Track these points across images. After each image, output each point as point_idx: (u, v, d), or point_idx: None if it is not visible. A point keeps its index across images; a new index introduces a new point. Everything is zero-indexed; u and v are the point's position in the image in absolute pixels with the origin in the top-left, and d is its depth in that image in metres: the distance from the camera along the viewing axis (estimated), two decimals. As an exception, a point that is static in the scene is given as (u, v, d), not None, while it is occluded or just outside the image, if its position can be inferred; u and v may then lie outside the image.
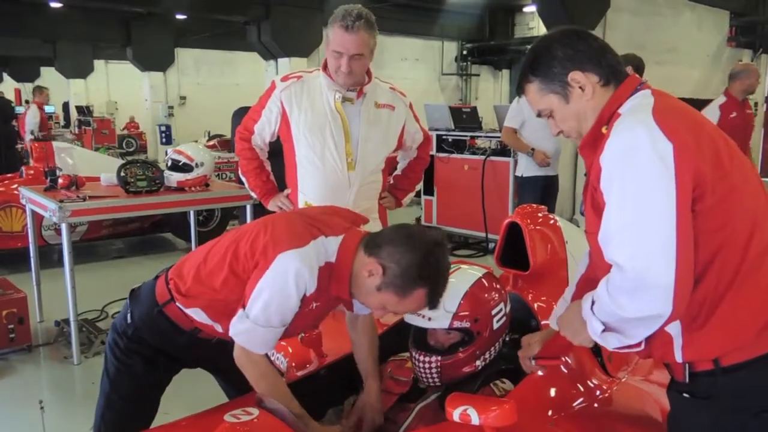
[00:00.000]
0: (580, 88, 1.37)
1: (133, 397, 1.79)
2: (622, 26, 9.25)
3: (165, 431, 1.61)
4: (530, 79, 1.43)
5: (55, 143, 6.23)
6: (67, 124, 16.78)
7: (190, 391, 2.16)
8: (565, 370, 1.79)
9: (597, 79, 1.37)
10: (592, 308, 1.32)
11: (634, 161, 1.23)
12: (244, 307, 1.56)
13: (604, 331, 1.30)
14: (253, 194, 2.74)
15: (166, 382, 1.87)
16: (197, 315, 1.71)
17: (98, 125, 15.12)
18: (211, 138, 11.38)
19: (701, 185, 1.23)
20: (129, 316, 1.77)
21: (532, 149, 5.01)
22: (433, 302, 1.60)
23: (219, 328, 1.72)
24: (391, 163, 2.74)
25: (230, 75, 16.21)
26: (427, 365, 1.78)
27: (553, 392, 1.72)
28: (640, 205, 1.21)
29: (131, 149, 14.96)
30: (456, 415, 1.42)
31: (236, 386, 1.81)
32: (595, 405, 1.76)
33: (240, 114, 5.14)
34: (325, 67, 2.48)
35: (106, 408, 1.81)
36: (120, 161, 5.65)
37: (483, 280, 1.83)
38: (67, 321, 3.89)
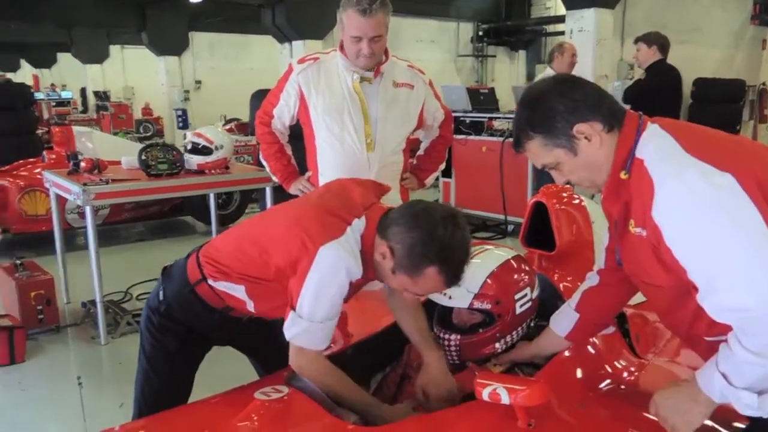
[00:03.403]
0: (586, 138, 1.33)
1: (168, 374, 1.82)
2: (643, 5, 9.09)
3: (198, 407, 1.63)
4: (531, 135, 1.37)
5: (75, 128, 6.29)
6: (85, 110, 16.90)
7: (220, 369, 2.19)
8: (593, 351, 1.79)
9: (601, 126, 1.33)
10: (729, 383, 1.20)
11: (707, 208, 1.18)
12: (293, 308, 1.54)
13: (761, 394, 1.18)
14: (274, 178, 2.75)
15: (200, 359, 1.89)
16: (233, 290, 1.70)
17: (116, 110, 15.22)
18: (227, 122, 11.39)
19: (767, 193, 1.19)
20: (161, 293, 1.79)
21: None
22: (451, 280, 1.54)
23: (251, 307, 1.72)
24: (412, 144, 2.73)
25: (245, 59, 16.18)
26: (446, 343, 1.79)
27: (581, 373, 1.72)
28: (738, 244, 1.16)
29: (149, 134, 15.04)
30: (485, 394, 1.42)
31: (266, 364, 1.84)
32: (623, 386, 1.76)
33: (258, 97, 5.15)
34: (342, 48, 2.46)
35: (144, 384, 1.85)
36: (138, 145, 5.71)
37: (511, 261, 1.82)
38: (93, 302, 3.96)
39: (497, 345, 1.79)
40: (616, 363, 1.80)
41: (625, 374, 1.78)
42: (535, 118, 1.37)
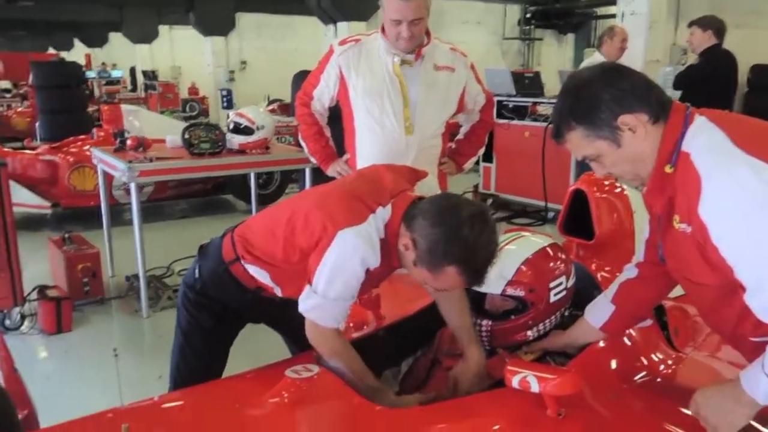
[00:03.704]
0: (630, 130, 1.28)
1: (203, 349, 1.86)
2: (701, -14, 8.70)
3: (231, 382, 1.67)
4: (573, 126, 1.33)
5: (123, 106, 6.45)
6: (134, 89, 17.29)
7: (255, 346, 2.23)
8: (629, 342, 1.75)
9: (647, 117, 1.28)
10: None
11: (754, 204, 1.14)
12: (310, 283, 1.56)
13: None
14: (312, 159, 2.76)
15: (234, 336, 1.93)
16: (260, 275, 1.73)
17: (163, 89, 15.52)
18: (270, 102, 11.49)
19: None
20: (197, 271, 1.83)
21: None
22: (472, 280, 1.53)
23: (278, 292, 1.75)
24: (451, 129, 2.70)
25: (290, 39, 16.26)
26: (478, 328, 1.78)
27: (615, 364, 1.69)
28: None
29: (194, 113, 15.30)
30: (515, 381, 1.41)
31: (298, 343, 1.86)
32: (659, 379, 1.72)
33: (300, 78, 5.17)
34: (383, 30, 2.44)
35: (180, 358, 1.89)
36: (183, 124, 5.82)
37: (547, 249, 1.79)
38: (136, 276, 4.08)
39: (529, 333, 1.77)
40: (652, 356, 1.76)
41: (662, 367, 1.73)
42: (577, 108, 1.32)
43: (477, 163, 7.48)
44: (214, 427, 1.41)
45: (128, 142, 4.26)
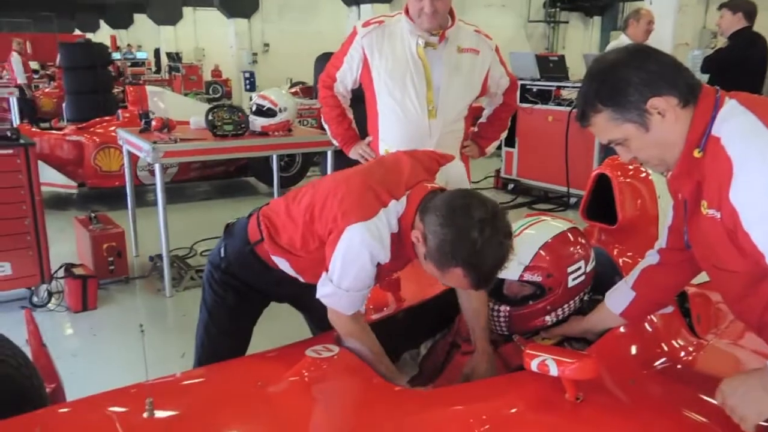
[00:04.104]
0: (659, 113, 1.26)
1: (227, 327, 1.89)
2: (732, -33, 8.45)
3: (253, 360, 1.70)
4: (599, 108, 1.30)
5: (148, 87, 6.51)
6: (158, 70, 17.44)
7: (275, 327, 2.26)
8: (650, 329, 1.73)
9: (676, 101, 1.25)
10: None
11: None
12: (327, 269, 1.58)
13: None
14: (334, 141, 2.76)
15: (257, 315, 1.95)
16: (281, 264, 1.76)
17: (186, 71, 15.63)
18: (293, 85, 11.51)
19: None
20: (223, 250, 1.85)
21: None
22: (478, 284, 1.50)
23: (301, 279, 1.77)
24: (474, 112, 2.68)
25: (313, 22, 16.22)
26: (496, 314, 1.78)
27: (635, 350, 1.68)
28: None
29: (217, 95, 15.41)
30: (534, 364, 1.41)
31: (320, 324, 1.88)
32: (679, 366, 1.71)
33: (323, 60, 5.16)
34: (407, 12, 2.42)
35: (204, 336, 1.92)
36: (206, 106, 5.85)
37: (568, 233, 1.78)
38: (160, 256, 4.16)
39: (547, 318, 1.76)
40: (673, 342, 1.74)
41: (683, 354, 1.72)
42: (605, 90, 1.29)
43: (499, 147, 7.43)
44: (235, 404, 1.43)
45: (153, 123, 4.31)
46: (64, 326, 3.66)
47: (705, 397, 1.46)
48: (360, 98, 2.66)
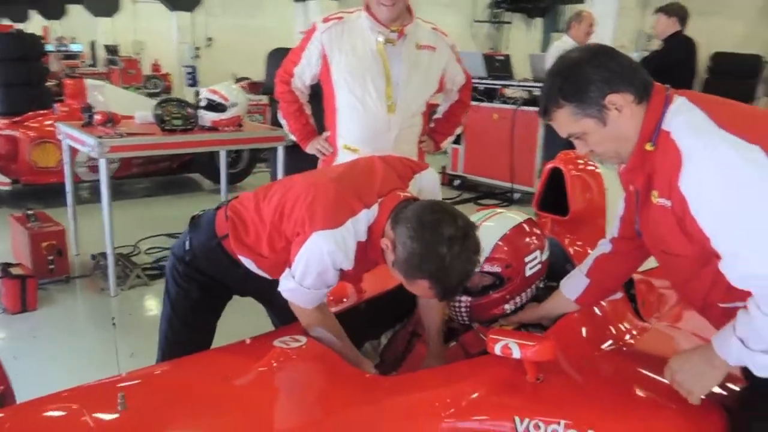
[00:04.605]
0: (617, 109, 1.34)
1: (191, 321, 1.88)
2: (665, -26, 8.85)
3: (219, 353, 1.69)
4: (561, 104, 1.37)
5: (87, 80, 6.28)
6: (93, 63, 16.79)
7: (239, 320, 2.23)
8: (600, 313, 1.82)
9: (632, 98, 1.34)
10: (746, 347, 1.25)
11: (734, 179, 1.20)
12: (290, 266, 1.59)
13: None
14: (292, 137, 2.75)
15: (221, 308, 1.94)
16: (247, 263, 1.76)
17: (125, 65, 15.11)
18: (237, 81, 11.32)
19: None
20: (188, 243, 1.83)
21: None
22: (443, 296, 1.56)
23: (267, 276, 1.77)
24: (430, 108, 2.73)
25: (258, 17, 15.94)
26: (457, 304, 1.83)
27: (587, 333, 1.76)
28: (765, 215, 1.18)
29: (157, 90, 14.96)
30: (498, 348, 1.47)
31: (283, 317, 1.88)
32: (626, 348, 1.80)
33: (275, 56, 5.12)
34: (367, 8, 2.45)
35: (168, 329, 1.90)
36: (149, 100, 5.68)
37: (524, 225, 1.85)
38: (103, 254, 4.04)
39: (506, 306, 1.83)
40: (620, 325, 1.84)
41: (628, 336, 1.82)
42: (567, 87, 1.36)
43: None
44: (206, 395, 1.43)
45: (96, 117, 4.17)
46: (2, 328, 3.50)
47: (652, 375, 1.56)
48: (317, 94, 2.66)
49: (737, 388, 1.49)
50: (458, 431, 1.45)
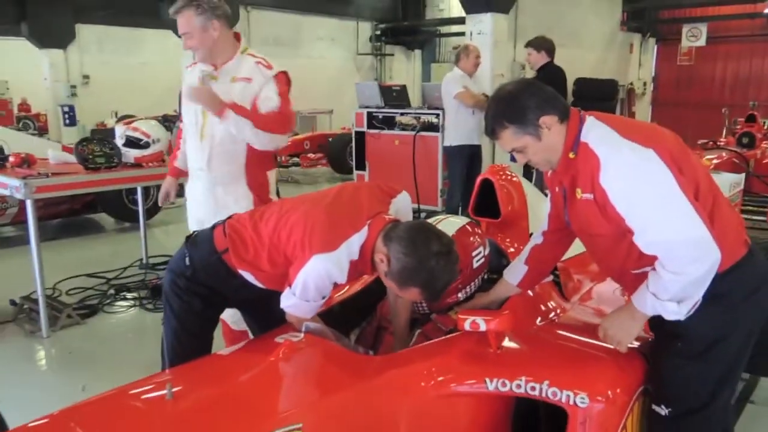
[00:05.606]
0: (547, 128, 1.73)
1: (197, 330, 2.06)
2: (532, 11, 9.94)
3: (226, 357, 1.90)
4: (506, 125, 1.74)
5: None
6: (-48, 105, 15.53)
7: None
8: (533, 294, 2.23)
9: (557, 118, 1.73)
10: (658, 298, 1.65)
11: (639, 173, 1.61)
12: (290, 285, 1.85)
13: (680, 303, 1.63)
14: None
15: (218, 319, 2.15)
16: (246, 276, 1.98)
17: (-6, 106, 14.16)
18: (119, 119, 11.05)
19: (677, 162, 1.65)
20: (188, 259, 2.02)
21: (485, 95, 5.59)
22: (431, 299, 1.91)
23: (263, 286, 2.00)
24: None
25: (137, 53, 15.59)
26: None
27: (528, 310, 2.16)
28: (661, 198, 1.60)
29: (29, 131, 14.11)
30: (467, 324, 1.81)
31: (264, 323, 2.10)
32: (556, 320, 2.21)
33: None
34: None
35: (175, 341, 2.07)
36: (41, 141, 5.45)
37: (467, 227, 2.24)
38: (26, 299, 3.96)
39: (459, 295, 2.19)
40: (549, 303, 2.26)
41: (558, 311, 2.24)
42: (510, 111, 1.75)
43: (350, 171, 7.92)
44: (245, 383, 1.66)
45: (11, 159, 4.09)
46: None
47: (583, 338, 1.97)
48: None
49: (649, 339, 1.93)
50: (443, 396, 1.78)
